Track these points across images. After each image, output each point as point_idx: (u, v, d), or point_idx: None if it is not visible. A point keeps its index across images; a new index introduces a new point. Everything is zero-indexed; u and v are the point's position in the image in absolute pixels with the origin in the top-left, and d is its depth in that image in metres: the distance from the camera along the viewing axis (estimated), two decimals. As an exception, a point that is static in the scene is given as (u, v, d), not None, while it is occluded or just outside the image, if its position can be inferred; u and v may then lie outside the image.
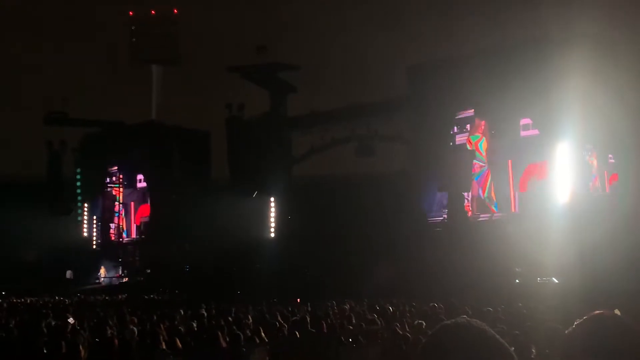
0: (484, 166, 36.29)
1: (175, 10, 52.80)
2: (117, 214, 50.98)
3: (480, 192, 36.49)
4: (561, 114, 30.61)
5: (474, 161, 36.27)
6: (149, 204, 50.05)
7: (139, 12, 52.74)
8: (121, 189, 51.01)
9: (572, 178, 32.35)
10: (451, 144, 37.66)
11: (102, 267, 48.34)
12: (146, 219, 50.09)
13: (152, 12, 52.55)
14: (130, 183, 51.12)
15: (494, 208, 35.94)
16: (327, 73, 46.72)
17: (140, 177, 50.79)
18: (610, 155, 33.56)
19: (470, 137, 36.45)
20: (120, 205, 51.01)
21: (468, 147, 36.48)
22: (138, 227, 50.67)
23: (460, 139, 37.58)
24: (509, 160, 35.45)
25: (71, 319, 13.83)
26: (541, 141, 33.95)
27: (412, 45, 41.44)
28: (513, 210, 35.50)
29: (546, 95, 31.59)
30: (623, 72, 30.95)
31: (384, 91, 41.63)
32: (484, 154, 36.23)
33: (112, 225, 51.37)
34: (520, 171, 35.61)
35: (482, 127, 36.26)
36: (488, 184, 36.14)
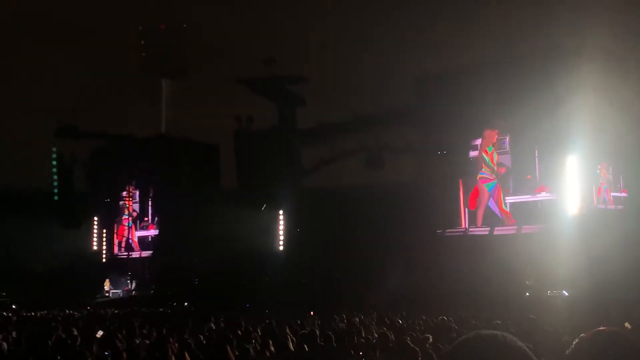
0: (495, 178, 36.01)
1: (184, 25, 53.11)
2: (129, 226, 51.05)
3: (493, 204, 36.20)
4: (570, 126, 30.56)
5: (484, 172, 36.00)
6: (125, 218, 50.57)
7: (149, 26, 53.09)
8: (131, 202, 51.11)
9: (580, 191, 32.27)
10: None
11: (107, 280, 48.29)
12: (127, 235, 50.52)
13: (162, 26, 52.91)
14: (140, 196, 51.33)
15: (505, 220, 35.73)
16: (335, 85, 46.82)
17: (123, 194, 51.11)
18: (602, 165, 33.51)
19: (487, 148, 36.09)
20: (130, 218, 51.10)
21: (485, 156, 36.10)
22: (120, 243, 51.00)
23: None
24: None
25: (100, 332, 13.87)
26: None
27: (422, 55, 41.40)
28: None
29: (555, 107, 31.55)
30: (632, 85, 30.89)
31: (393, 102, 41.56)
32: (495, 164, 35.94)
33: (122, 239, 51.46)
34: (470, 188, 36.49)
35: (495, 138, 36.04)
36: (502, 196, 35.88)
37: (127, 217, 50.91)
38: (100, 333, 13.33)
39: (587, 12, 31.02)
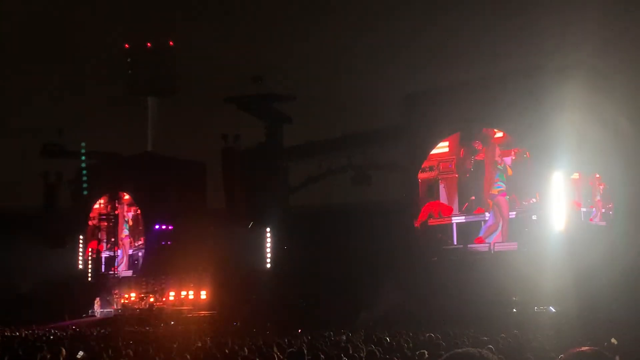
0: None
1: (172, 43, 53.10)
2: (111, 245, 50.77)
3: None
4: (556, 142, 30.75)
5: (500, 185, 35.49)
6: (96, 240, 50.63)
7: (135, 45, 53.05)
8: (118, 221, 50.88)
9: (566, 206, 32.41)
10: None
11: (98, 299, 47.87)
12: (95, 255, 50.59)
13: (148, 44, 52.87)
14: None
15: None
16: (322, 102, 46.96)
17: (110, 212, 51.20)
18: (593, 182, 33.58)
19: (495, 160, 35.74)
20: (114, 237, 50.83)
21: (498, 171, 35.60)
22: (92, 260, 51.13)
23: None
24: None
25: (81, 353, 13.70)
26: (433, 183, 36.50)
27: (409, 73, 41.69)
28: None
29: (541, 123, 31.76)
30: (617, 102, 31.18)
31: (381, 120, 41.75)
32: (511, 174, 35.47)
33: (107, 258, 51.16)
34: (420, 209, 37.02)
35: (499, 150, 35.86)
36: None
37: (126, 234, 50.66)
38: (80, 354, 13.17)
39: (572, 30, 31.39)
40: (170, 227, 48.13)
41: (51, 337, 23.62)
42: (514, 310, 30.64)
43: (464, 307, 28.75)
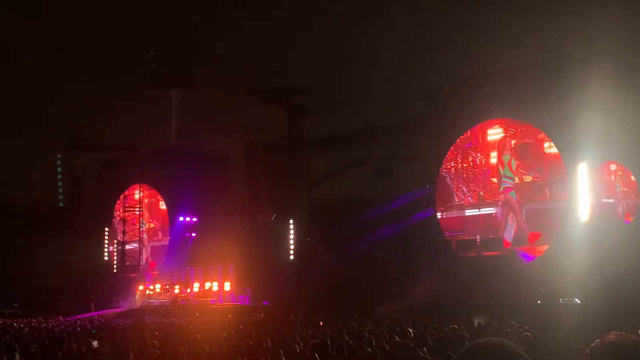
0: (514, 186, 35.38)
1: (194, 36, 53.26)
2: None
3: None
4: (581, 133, 30.44)
5: (507, 182, 35.33)
6: (121, 232, 51.14)
7: (158, 38, 53.24)
8: (141, 213, 51.21)
9: (593, 197, 32.12)
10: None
11: (141, 287, 47.73)
12: (120, 247, 51.15)
13: (171, 37, 53.00)
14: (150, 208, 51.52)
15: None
16: (345, 94, 46.80)
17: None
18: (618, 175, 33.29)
19: (503, 157, 35.57)
20: (140, 229, 51.21)
21: (500, 168, 35.57)
22: (117, 252, 51.74)
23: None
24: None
25: (95, 342, 13.87)
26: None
27: (431, 65, 41.41)
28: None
29: (566, 114, 31.47)
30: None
31: (403, 112, 41.48)
32: (514, 172, 35.34)
33: (133, 250, 51.56)
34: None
35: (510, 145, 35.61)
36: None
37: (138, 228, 51.04)
38: (95, 343, 13.37)
39: (594, 20, 30.98)
40: (194, 219, 48.50)
41: (78, 329, 23.91)
42: (539, 302, 30.44)
43: (488, 299, 28.64)
